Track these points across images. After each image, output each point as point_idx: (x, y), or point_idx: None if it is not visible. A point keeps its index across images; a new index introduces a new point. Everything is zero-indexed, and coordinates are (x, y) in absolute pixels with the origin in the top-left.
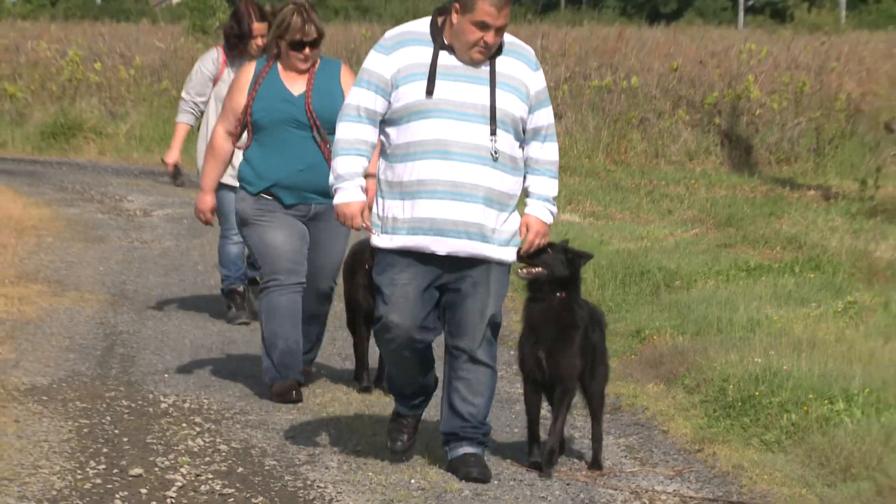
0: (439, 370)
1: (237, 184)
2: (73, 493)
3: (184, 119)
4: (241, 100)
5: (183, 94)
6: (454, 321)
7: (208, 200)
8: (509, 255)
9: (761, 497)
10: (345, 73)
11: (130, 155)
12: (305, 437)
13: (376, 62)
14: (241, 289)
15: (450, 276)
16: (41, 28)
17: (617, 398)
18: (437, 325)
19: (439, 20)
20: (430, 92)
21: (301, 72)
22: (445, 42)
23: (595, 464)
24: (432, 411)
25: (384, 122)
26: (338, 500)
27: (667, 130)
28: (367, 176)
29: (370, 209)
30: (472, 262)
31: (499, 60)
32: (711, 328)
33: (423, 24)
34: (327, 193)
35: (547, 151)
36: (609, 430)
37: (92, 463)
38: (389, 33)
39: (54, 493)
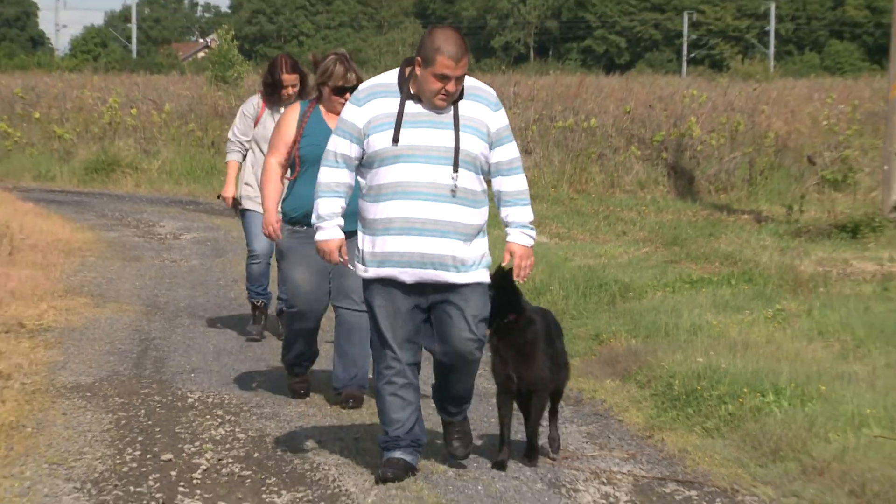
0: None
1: (260, 209)
2: (112, 476)
3: (233, 157)
4: (291, 132)
5: (229, 136)
6: (443, 339)
7: (272, 217)
8: (481, 276)
9: (703, 476)
10: None
11: (162, 187)
12: (312, 426)
13: (351, 113)
14: (260, 304)
15: (433, 297)
16: (85, 79)
17: (579, 392)
18: (423, 341)
19: (406, 71)
20: (395, 140)
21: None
22: (411, 91)
23: (553, 449)
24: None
25: (360, 167)
26: (339, 481)
27: (621, 164)
28: None
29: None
30: (448, 287)
31: (461, 104)
32: (660, 332)
33: (391, 76)
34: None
35: (514, 183)
36: (572, 419)
37: (129, 450)
38: (362, 86)
39: (96, 475)
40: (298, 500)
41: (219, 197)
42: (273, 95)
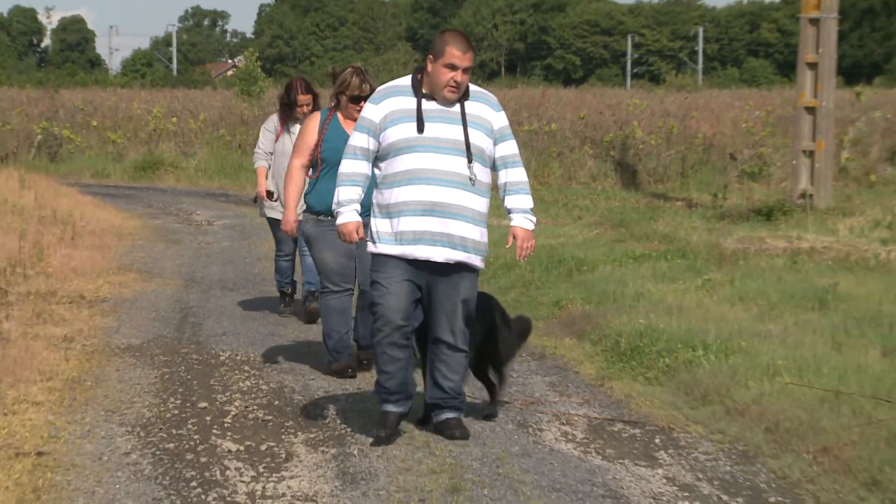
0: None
1: (277, 215)
2: (157, 421)
3: (261, 163)
4: (313, 138)
5: (256, 149)
6: (435, 317)
7: (291, 217)
8: (478, 262)
9: (645, 417)
10: None
11: (198, 182)
12: (322, 379)
13: (369, 111)
14: (288, 290)
15: (430, 277)
16: (134, 94)
17: (542, 349)
18: (417, 316)
19: (418, 76)
20: (420, 129)
21: (356, 119)
22: (424, 91)
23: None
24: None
25: (376, 159)
26: (346, 423)
27: (577, 160)
28: None
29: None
30: (447, 267)
31: (467, 104)
32: (609, 299)
33: (405, 80)
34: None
35: (516, 174)
36: (537, 371)
37: (171, 399)
38: (379, 88)
39: (144, 420)
40: (311, 439)
41: (255, 200)
42: (287, 113)
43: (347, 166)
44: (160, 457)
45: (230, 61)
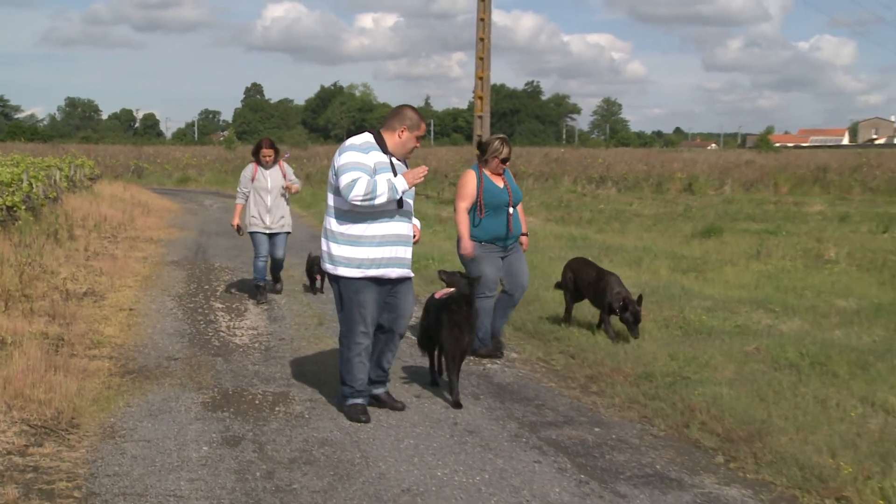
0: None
1: (257, 230)
2: (185, 294)
3: (239, 200)
4: (472, 189)
5: (238, 189)
6: (392, 315)
7: (467, 243)
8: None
9: None
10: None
11: (206, 187)
12: (269, 273)
13: (361, 158)
14: (262, 284)
15: (391, 288)
16: (177, 148)
17: None
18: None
19: (377, 137)
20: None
21: (499, 175)
22: (387, 149)
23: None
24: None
25: (337, 192)
26: (272, 291)
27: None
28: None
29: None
30: (402, 280)
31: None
32: None
33: (370, 137)
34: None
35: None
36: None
37: (191, 284)
38: (358, 140)
39: (179, 294)
40: (258, 302)
41: (232, 225)
42: (257, 158)
43: (366, 181)
44: (186, 309)
45: (221, 133)
